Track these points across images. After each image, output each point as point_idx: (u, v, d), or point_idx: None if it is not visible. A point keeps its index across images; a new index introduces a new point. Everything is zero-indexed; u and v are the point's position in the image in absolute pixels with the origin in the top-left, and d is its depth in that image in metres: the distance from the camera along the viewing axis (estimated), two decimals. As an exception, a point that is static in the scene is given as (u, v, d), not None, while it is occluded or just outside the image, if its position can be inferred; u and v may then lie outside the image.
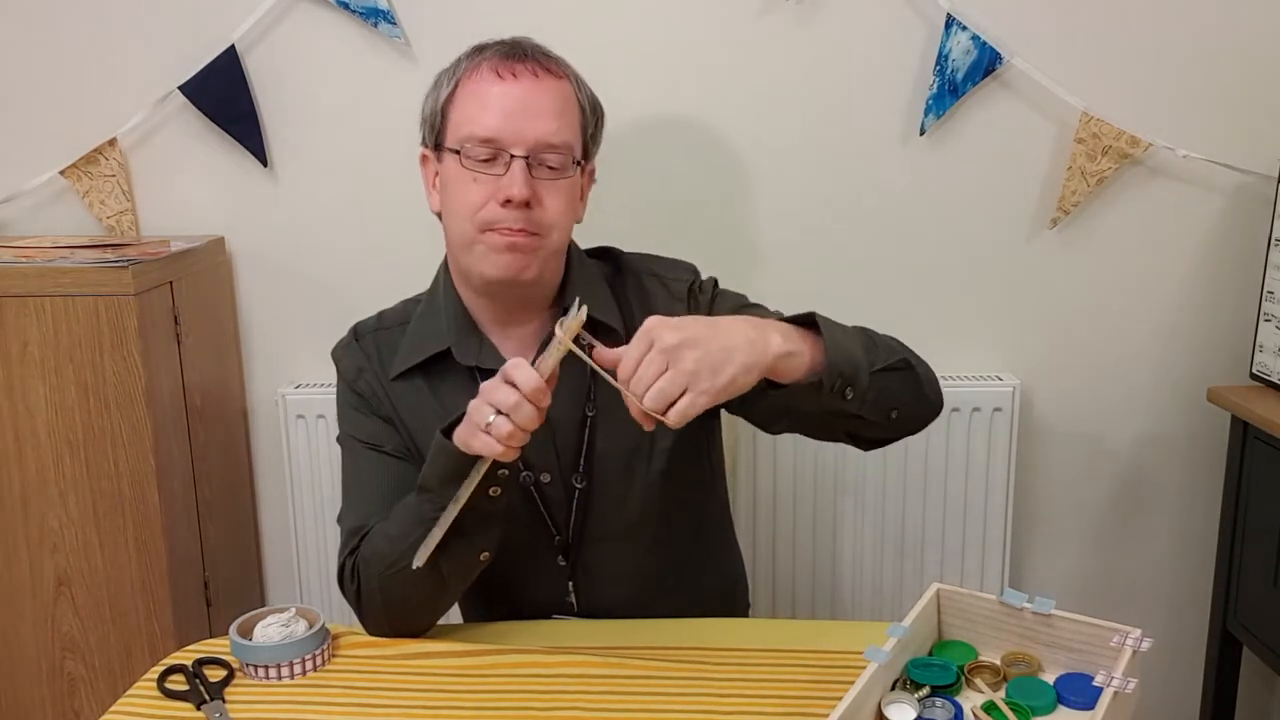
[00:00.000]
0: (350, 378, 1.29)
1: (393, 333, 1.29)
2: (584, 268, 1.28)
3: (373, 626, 1.20)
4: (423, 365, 1.25)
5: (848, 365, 1.06)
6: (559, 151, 1.17)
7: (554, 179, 1.18)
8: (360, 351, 1.29)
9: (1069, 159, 1.75)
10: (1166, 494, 1.93)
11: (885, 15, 1.74)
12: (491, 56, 1.18)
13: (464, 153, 1.16)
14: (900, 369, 1.14)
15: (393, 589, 1.16)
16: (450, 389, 1.24)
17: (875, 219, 1.82)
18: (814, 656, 1.14)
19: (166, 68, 1.75)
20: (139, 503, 1.59)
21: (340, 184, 1.82)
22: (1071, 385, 1.89)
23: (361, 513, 1.23)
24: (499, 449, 1.03)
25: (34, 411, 1.55)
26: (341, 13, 1.74)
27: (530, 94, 1.16)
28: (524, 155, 1.15)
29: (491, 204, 1.16)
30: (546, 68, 1.19)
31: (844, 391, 1.06)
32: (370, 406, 1.27)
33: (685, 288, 1.29)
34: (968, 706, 0.97)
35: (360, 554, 1.19)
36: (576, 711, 1.05)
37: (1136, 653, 0.97)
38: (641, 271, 1.31)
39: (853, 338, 1.10)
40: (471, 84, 1.18)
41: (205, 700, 1.08)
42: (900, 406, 1.15)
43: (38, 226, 1.83)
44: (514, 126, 1.15)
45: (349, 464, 1.29)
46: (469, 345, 1.24)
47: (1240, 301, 1.83)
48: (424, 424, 1.23)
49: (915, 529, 1.86)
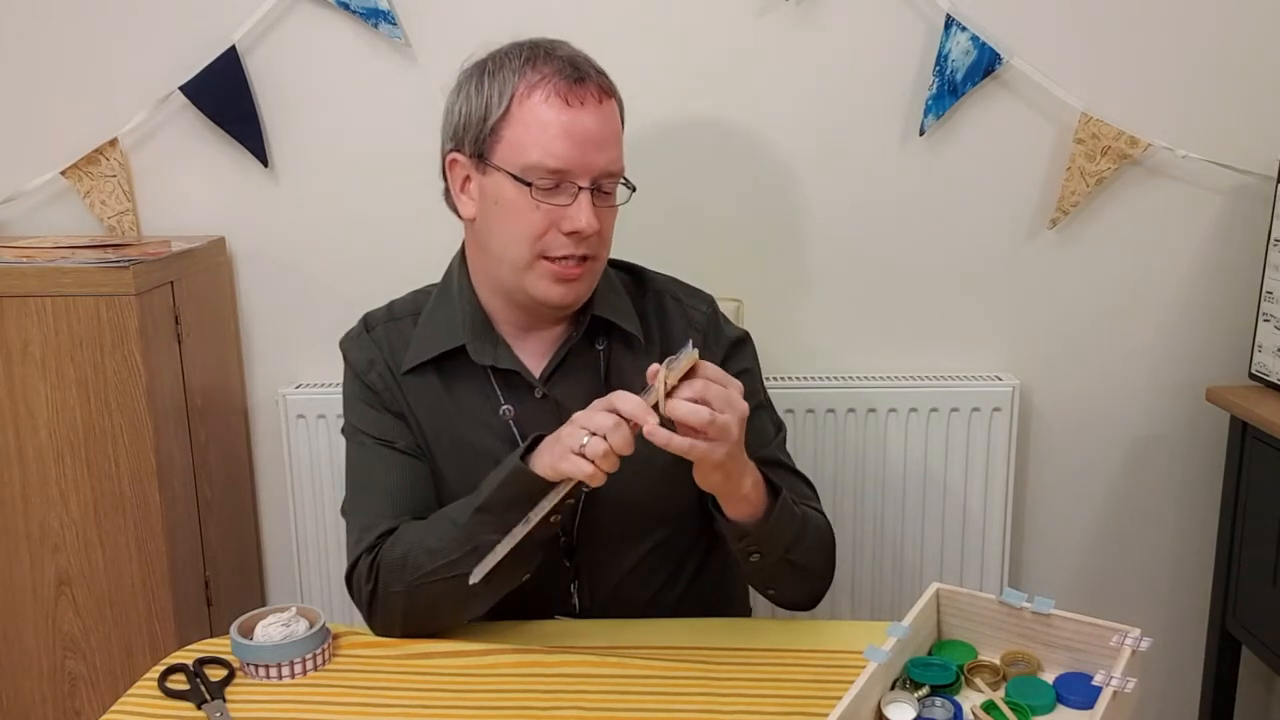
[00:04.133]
0: (361, 370, 1.27)
1: (404, 325, 1.28)
2: (608, 279, 1.29)
3: (381, 628, 1.19)
4: (435, 361, 1.24)
5: (769, 540, 1.16)
6: (616, 178, 1.20)
7: (607, 205, 1.20)
8: (371, 343, 1.28)
9: (1068, 159, 1.75)
10: (1166, 494, 1.93)
11: (885, 15, 1.74)
12: (553, 78, 1.15)
13: (530, 182, 1.15)
14: (800, 567, 1.21)
15: (420, 599, 1.15)
16: (464, 387, 1.24)
17: (875, 219, 1.82)
18: (814, 656, 1.14)
19: (167, 68, 1.75)
20: (140, 502, 1.59)
21: (340, 184, 1.82)
22: (1071, 385, 1.89)
23: (373, 511, 1.22)
24: (590, 470, 1.03)
25: (35, 411, 1.55)
26: (341, 13, 1.74)
27: (595, 122, 1.15)
28: (589, 186, 1.16)
29: (553, 232, 1.16)
30: (604, 89, 1.18)
31: (750, 555, 1.17)
32: (382, 401, 1.26)
33: (704, 318, 1.31)
34: (967, 706, 0.97)
35: (384, 558, 1.17)
36: (577, 711, 1.05)
37: (1136, 652, 0.97)
38: (664, 292, 1.33)
39: (789, 526, 1.18)
40: (534, 108, 1.14)
41: (206, 700, 1.08)
42: (778, 588, 1.25)
43: (39, 226, 1.84)
44: (583, 157, 1.14)
45: (356, 459, 1.27)
46: (485, 345, 1.23)
47: (1239, 301, 1.83)
48: (436, 421, 1.24)
49: (915, 529, 1.86)
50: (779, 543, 1.17)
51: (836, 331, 1.86)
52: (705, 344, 1.28)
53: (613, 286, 1.29)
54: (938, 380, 1.83)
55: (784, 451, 1.33)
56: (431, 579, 1.14)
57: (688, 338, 1.07)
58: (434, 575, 1.13)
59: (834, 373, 1.85)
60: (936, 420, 1.81)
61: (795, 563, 1.19)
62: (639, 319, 1.29)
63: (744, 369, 1.29)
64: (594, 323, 1.26)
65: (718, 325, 1.32)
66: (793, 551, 1.18)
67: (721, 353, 1.29)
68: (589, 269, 1.19)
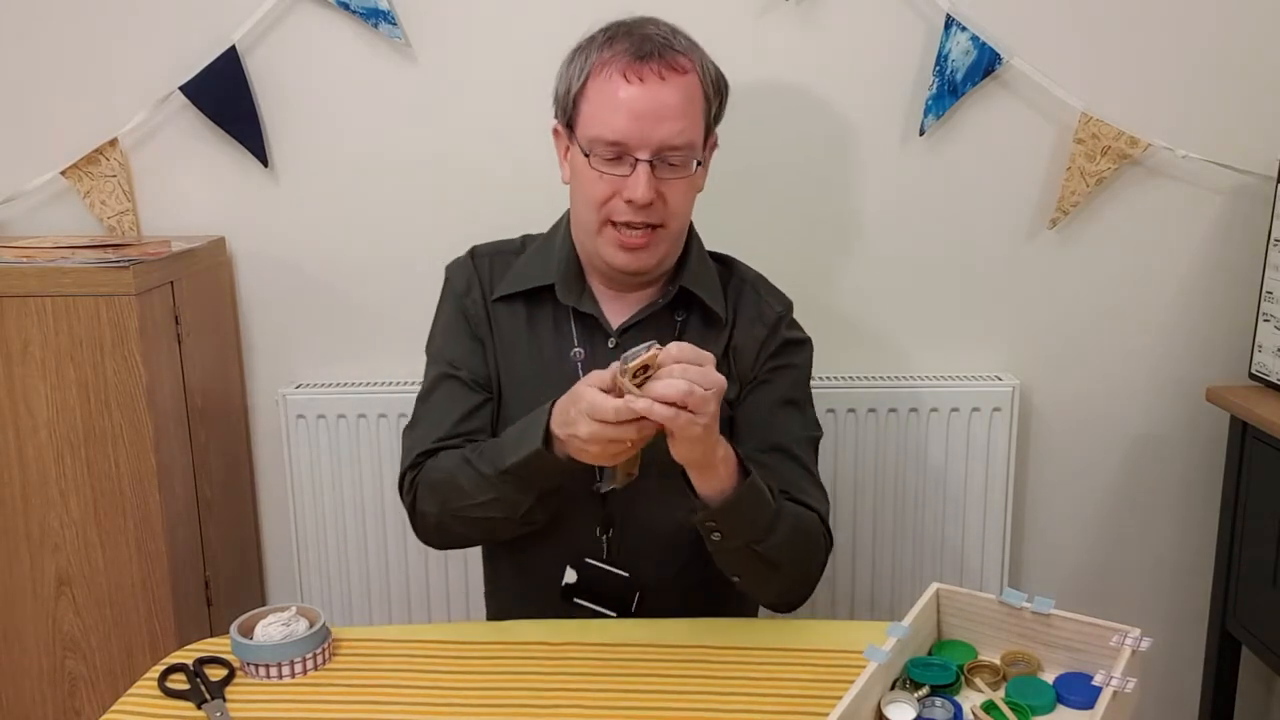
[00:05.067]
0: (460, 291, 1.36)
1: (507, 257, 1.37)
2: (702, 258, 1.36)
3: (420, 536, 1.34)
4: (526, 296, 1.33)
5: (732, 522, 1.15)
6: (681, 151, 1.23)
7: (676, 177, 1.24)
8: (473, 269, 1.37)
9: (1068, 159, 1.75)
10: (1166, 494, 1.93)
11: (885, 15, 1.74)
12: (621, 54, 1.21)
13: (592, 153, 1.22)
14: (768, 564, 1.20)
15: (452, 525, 1.28)
16: (545, 324, 1.33)
17: (875, 219, 1.82)
18: (814, 656, 1.14)
19: (167, 68, 1.75)
20: (140, 502, 1.59)
21: (340, 184, 1.82)
22: (1071, 385, 1.89)
23: (424, 435, 1.32)
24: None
25: (35, 411, 1.55)
26: (341, 13, 1.74)
27: (656, 97, 1.20)
28: (648, 159, 1.21)
29: (616, 199, 1.23)
30: (673, 65, 1.22)
31: (711, 532, 1.16)
32: (469, 325, 1.35)
33: (774, 315, 1.36)
34: (967, 706, 0.97)
35: (423, 479, 1.29)
36: (577, 710, 1.05)
37: (1136, 652, 0.97)
38: (749, 280, 1.39)
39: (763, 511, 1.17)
40: (601, 82, 1.22)
41: (206, 699, 1.08)
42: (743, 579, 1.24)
43: (39, 227, 1.84)
44: (640, 131, 1.20)
45: (427, 380, 1.37)
46: (572, 288, 1.32)
47: (1239, 301, 1.83)
48: (514, 350, 1.34)
49: (915, 528, 1.86)
50: (741, 525, 1.16)
51: (836, 331, 1.86)
52: (765, 340, 1.34)
53: (707, 267, 1.36)
54: (938, 380, 1.83)
55: (804, 449, 1.34)
56: (459, 513, 1.25)
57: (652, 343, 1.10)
58: (461, 511, 1.25)
59: (834, 373, 1.85)
60: (936, 420, 1.81)
61: (761, 555, 1.18)
62: (726, 299, 1.35)
63: (789, 364, 1.35)
64: (680, 294, 1.33)
65: (779, 326, 1.36)
66: (762, 543, 1.17)
67: (773, 348, 1.34)
68: (655, 238, 1.25)
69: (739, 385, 1.33)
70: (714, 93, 1.27)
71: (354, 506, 1.85)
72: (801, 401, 1.37)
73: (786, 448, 1.31)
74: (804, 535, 1.24)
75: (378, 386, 1.84)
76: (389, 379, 1.85)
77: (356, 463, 1.83)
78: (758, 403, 1.33)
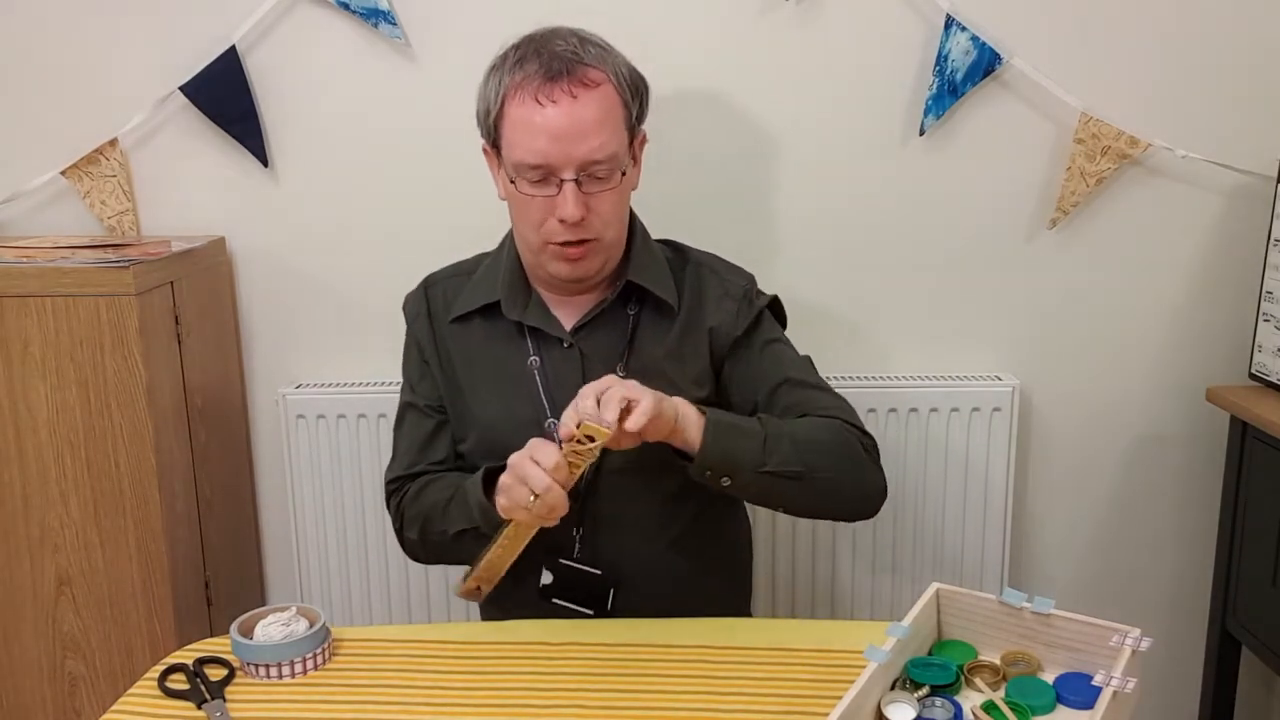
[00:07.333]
0: (410, 319, 1.42)
1: (460, 280, 1.41)
2: (647, 248, 1.37)
3: (408, 554, 1.42)
4: (481, 313, 1.36)
5: (722, 461, 1.17)
6: (605, 164, 1.23)
7: (604, 189, 1.25)
8: (424, 298, 1.41)
9: (1068, 159, 1.75)
10: (1166, 494, 1.93)
11: (885, 15, 1.74)
12: (533, 76, 1.21)
13: (518, 176, 1.24)
14: (792, 478, 1.21)
15: (431, 546, 1.35)
16: (501, 337, 1.36)
17: (875, 219, 1.82)
18: (814, 656, 1.14)
19: (167, 68, 1.75)
20: (140, 502, 1.59)
21: (340, 184, 1.82)
22: (1071, 385, 1.89)
23: (397, 464, 1.41)
24: (536, 518, 1.14)
25: (35, 411, 1.55)
26: (342, 13, 1.74)
27: (571, 115, 1.20)
28: (573, 177, 1.22)
29: (551, 220, 1.24)
30: (584, 81, 1.22)
31: (719, 480, 1.18)
32: (420, 351, 1.41)
33: (741, 289, 1.38)
34: (967, 706, 0.97)
35: (406, 509, 1.36)
36: (577, 710, 1.05)
37: (1136, 652, 0.97)
38: (704, 264, 1.40)
39: (745, 438, 1.19)
40: (515, 107, 1.22)
41: (206, 699, 1.08)
42: (789, 505, 1.29)
43: (39, 226, 1.84)
44: (561, 152, 1.21)
45: (398, 408, 1.44)
46: (517, 301, 1.34)
47: (1239, 301, 1.83)
48: (474, 366, 1.37)
49: (915, 529, 1.86)
50: (734, 457, 1.18)
51: (836, 331, 1.86)
52: (738, 313, 1.36)
53: (654, 257, 1.37)
54: (937, 380, 1.83)
55: (804, 371, 1.36)
56: (439, 538, 1.31)
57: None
58: (441, 537, 1.31)
59: (834, 373, 1.85)
60: (936, 420, 1.81)
61: (777, 473, 1.19)
62: (678, 287, 1.37)
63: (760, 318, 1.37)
64: (628, 288, 1.34)
65: (750, 297, 1.38)
66: (766, 464, 1.19)
67: (747, 322, 1.36)
68: (591, 249, 1.27)
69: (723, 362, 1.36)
70: (632, 96, 1.27)
71: (354, 506, 1.85)
72: (782, 339, 1.40)
73: (788, 378, 1.34)
74: (816, 441, 1.24)
75: (378, 386, 1.84)
76: (389, 379, 1.85)
77: (356, 463, 1.83)
78: (747, 357, 1.36)
